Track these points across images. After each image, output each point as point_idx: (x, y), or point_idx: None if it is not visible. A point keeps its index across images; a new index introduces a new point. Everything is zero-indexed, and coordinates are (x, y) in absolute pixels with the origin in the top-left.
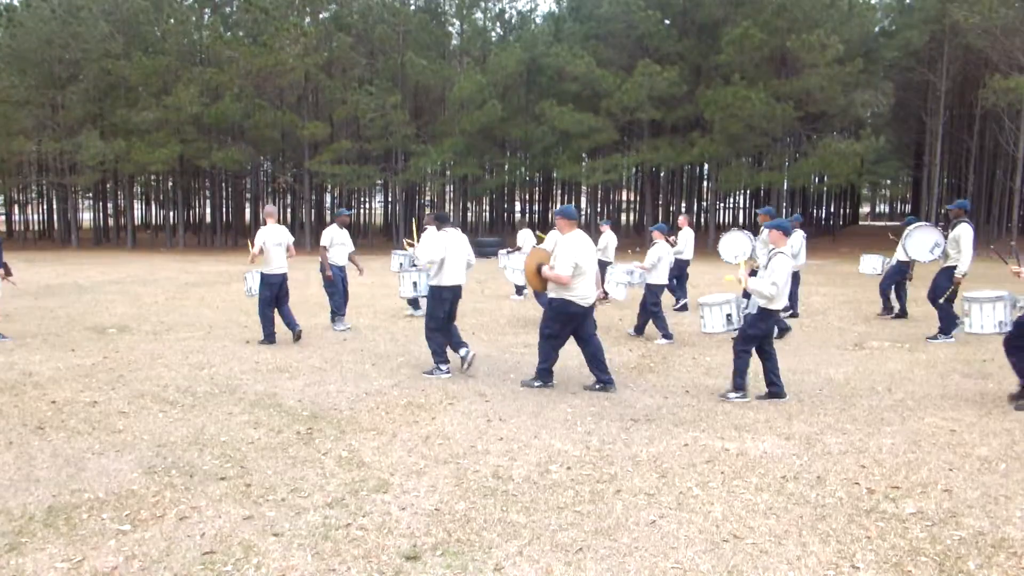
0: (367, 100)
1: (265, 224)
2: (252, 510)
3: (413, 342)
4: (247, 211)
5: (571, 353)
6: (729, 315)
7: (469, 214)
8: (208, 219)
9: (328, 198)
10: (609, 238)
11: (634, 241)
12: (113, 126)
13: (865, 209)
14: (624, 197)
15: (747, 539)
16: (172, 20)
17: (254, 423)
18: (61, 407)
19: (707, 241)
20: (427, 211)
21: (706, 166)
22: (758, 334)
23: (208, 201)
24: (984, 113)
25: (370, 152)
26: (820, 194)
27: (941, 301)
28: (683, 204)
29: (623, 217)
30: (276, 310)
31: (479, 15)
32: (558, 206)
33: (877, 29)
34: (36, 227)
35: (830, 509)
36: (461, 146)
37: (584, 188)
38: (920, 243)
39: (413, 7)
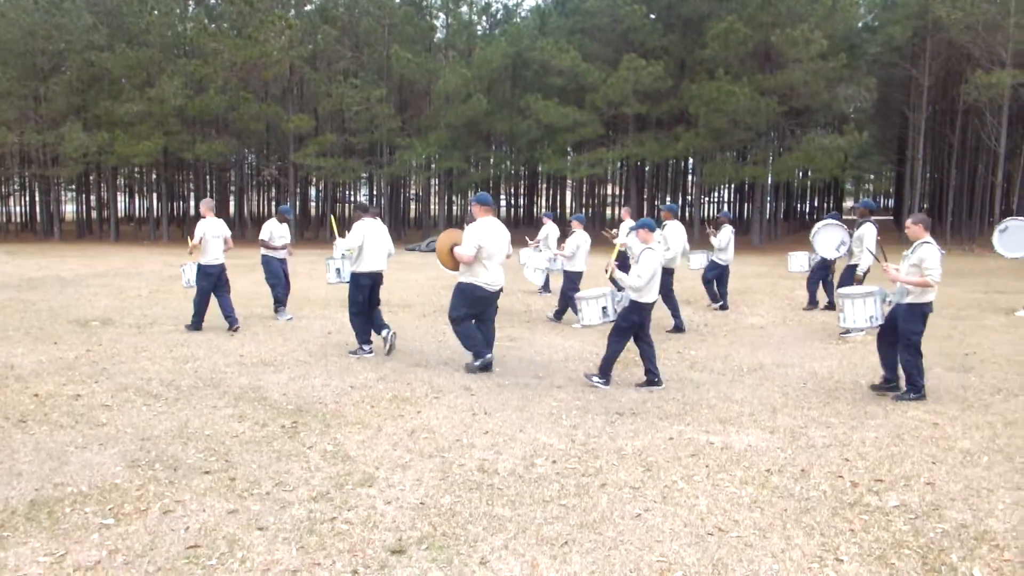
0: (352, 93)
1: (204, 217)
2: (237, 504)
3: (399, 336)
4: (231, 204)
5: (556, 346)
6: (604, 308)
7: (455, 208)
8: (192, 212)
9: (313, 191)
10: (550, 229)
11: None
12: (96, 118)
13: (849, 203)
14: (609, 191)
15: (732, 532)
16: (156, 12)
17: (239, 417)
18: (44, 400)
19: (692, 235)
20: (413, 204)
21: (691, 160)
22: (629, 326)
23: (192, 194)
24: (966, 108)
25: (355, 145)
26: (804, 188)
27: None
28: (667, 198)
29: (608, 211)
30: (217, 300)
31: (464, 9)
32: (544, 201)
33: (860, 24)
34: (18, 219)
35: (814, 502)
36: (446, 140)
37: (569, 182)
38: (826, 241)
39: (398, 0)
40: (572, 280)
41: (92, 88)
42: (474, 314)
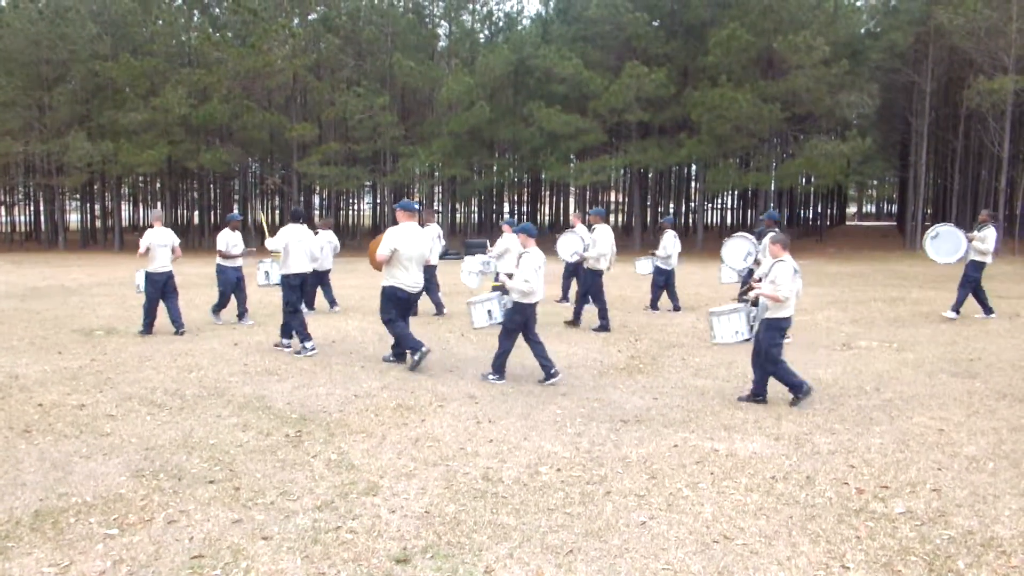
0: (355, 101)
1: (152, 227)
2: (241, 513)
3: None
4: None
5: (560, 354)
6: (490, 311)
7: (458, 215)
8: (196, 221)
9: (316, 199)
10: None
11: (622, 241)
12: (101, 127)
13: (852, 209)
14: (613, 198)
15: (737, 540)
16: (160, 21)
17: (243, 426)
18: (48, 410)
19: (695, 241)
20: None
21: (694, 167)
22: (515, 327)
23: (196, 203)
24: (969, 114)
25: (358, 153)
26: (807, 195)
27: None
28: (671, 205)
29: (612, 218)
30: (165, 305)
31: (466, 17)
32: (548, 208)
33: (863, 31)
34: (23, 229)
35: (820, 509)
36: (449, 147)
37: (572, 189)
38: (734, 251)
39: (401, 9)
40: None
41: (96, 97)
42: (403, 313)
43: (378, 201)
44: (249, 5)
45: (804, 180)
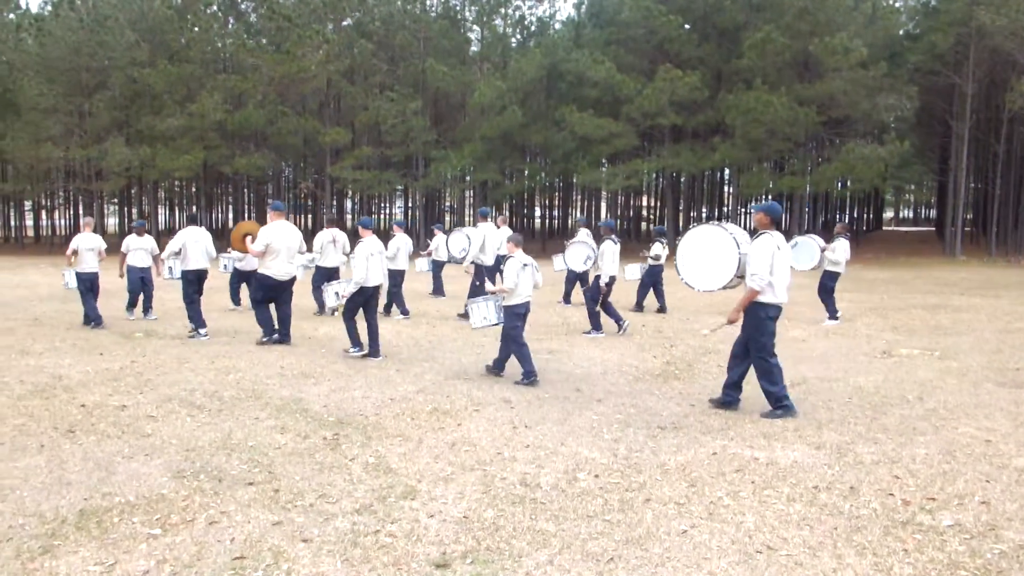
0: (388, 106)
1: (81, 231)
2: (281, 515)
3: (437, 348)
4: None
5: (595, 359)
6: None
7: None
8: (231, 224)
9: (349, 204)
10: (440, 240)
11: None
12: (139, 133)
13: (889, 214)
14: (645, 202)
15: (781, 551)
16: (196, 28)
17: (280, 428)
18: (91, 411)
19: None
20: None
21: (727, 171)
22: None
23: (231, 206)
24: (1011, 116)
25: (391, 158)
26: (843, 199)
27: (597, 306)
28: (703, 209)
29: (643, 224)
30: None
31: (499, 21)
32: (579, 213)
33: (901, 32)
34: (63, 232)
35: (865, 521)
36: (481, 152)
37: (604, 194)
38: (575, 255)
39: (434, 14)
40: (394, 276)
41: (134, 104)
42: (271, 298)
43: (409, 205)
44: (284, 11)
45: (840, 184)
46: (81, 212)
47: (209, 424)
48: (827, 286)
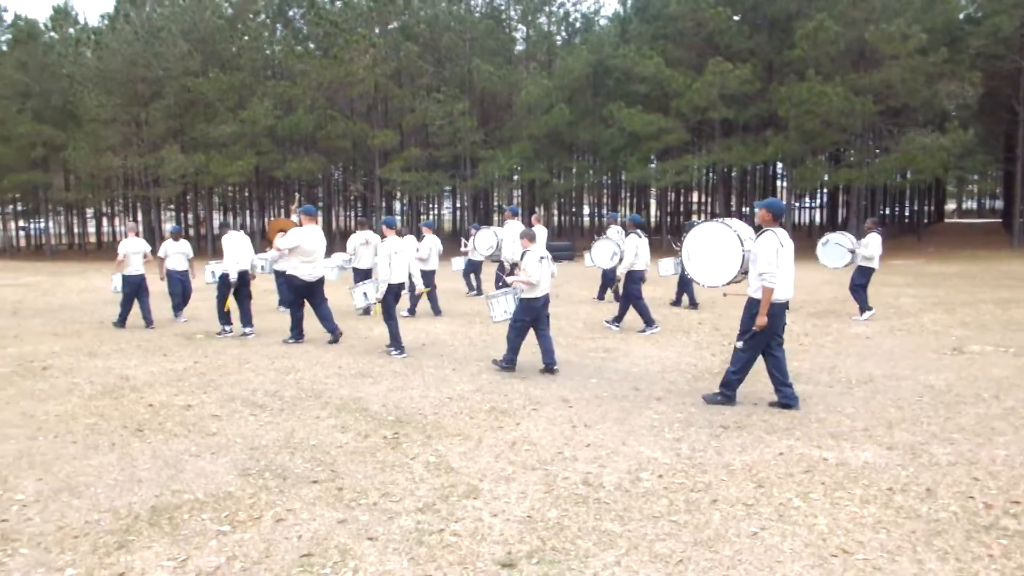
0: (435, 107)
1: (127, 237)
2: (346, 514)
3: (492, 347)
4: (319, 219)
5: (652, 357)
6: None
7: (518, 218)
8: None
9: (397, 205)
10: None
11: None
12: (193, 140)
13: (951, 206)
14: (695, 199)
15: (857, 554)
16: (246, 37)
17: (341, 427)
18: (158, 410)
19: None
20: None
21: (780, 165)
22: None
23: (282, 210)
24: None
25: (439, 159)
26: (901, 191)
27: (634, 301)
28: (756, 204)
29: (694, 219)
30: (139, 302)
31: (543, 19)
32: (631, 211)
33: (962, 16)
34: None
35: (944, 524)
36: (529, 151)
37: (653, 191)
38: (602, 252)
39: (478, 14)
40: (426, 279)
41: (188, 112)
42: (302, 299)
43: (457, 206)
44: (330, 17)
45: (900, 176)
46: (140, 218)
47: (272, 423)
48: (859, 282)
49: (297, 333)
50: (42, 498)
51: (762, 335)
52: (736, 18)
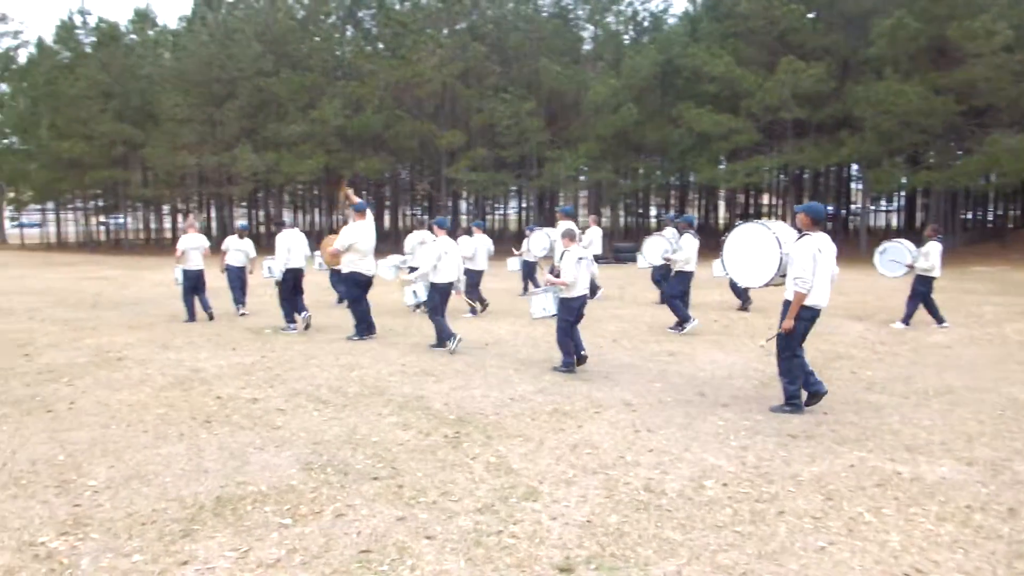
0: (502, 107)
1: (186, 233)
2: (405, 511)
3: (554, 348)
4: (386, 218)
5: (719, 362)
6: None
7: (604, 220)
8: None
9: (464, 205)
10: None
11: None
12: (265, 139)
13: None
14: (765, 200)
15: (932, 575)
16: (317, 38)
17: (403, 425)
18: (225, 403)
19: (858, 246)
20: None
21: (855, 167)
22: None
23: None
24: None
25: (505, 159)
26: (984, 195)
27: (677, 299)
28: (829, 207)
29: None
30: (197, 297)
31: (611, 19)
32: (686, 212)
33: None
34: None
35: None
36: (596, 151)
37: (722, 192)
38: (653, 249)
39: (546, 14)
40: (472, 277)
41: (261, 112)
42: (364, 295)
43: (523, 205)
44: (399, 18)
45: (983, 179)
46: (214, 215)
47: (335, 419)
48: (919, 291)
49: (364, 328)
50: (113, 485)
51: (791, 339)
52: (810, 15)
